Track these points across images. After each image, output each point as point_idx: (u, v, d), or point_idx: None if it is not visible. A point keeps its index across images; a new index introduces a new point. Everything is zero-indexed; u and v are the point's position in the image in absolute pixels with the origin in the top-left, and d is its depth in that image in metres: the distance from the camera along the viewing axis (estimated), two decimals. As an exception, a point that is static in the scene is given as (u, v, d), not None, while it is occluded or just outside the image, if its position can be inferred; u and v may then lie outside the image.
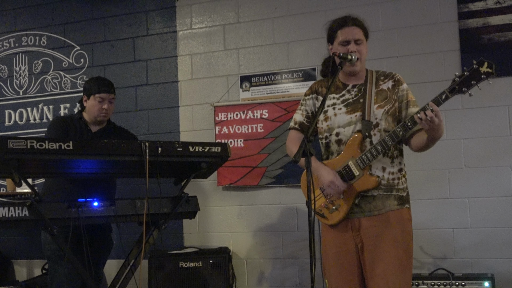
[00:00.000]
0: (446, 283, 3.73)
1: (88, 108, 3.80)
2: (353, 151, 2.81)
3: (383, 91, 2.90)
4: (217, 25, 4.93)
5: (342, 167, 2.80)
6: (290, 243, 4.53)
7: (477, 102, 4.12)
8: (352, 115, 2.86)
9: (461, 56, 4.21)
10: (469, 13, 4.22)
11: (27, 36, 5.46)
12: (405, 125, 2.72)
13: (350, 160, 2.79)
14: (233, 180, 4.69)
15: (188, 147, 3.32)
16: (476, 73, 2.60)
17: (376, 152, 2.75)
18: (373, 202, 2.82)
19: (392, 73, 2.97)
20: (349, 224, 2.85)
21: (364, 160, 2.76)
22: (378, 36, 4.35)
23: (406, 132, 2.74)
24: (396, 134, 2.73)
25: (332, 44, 2.96)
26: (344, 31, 2.88)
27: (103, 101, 3.78)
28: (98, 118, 3.80)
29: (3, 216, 2.89)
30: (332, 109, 2.91)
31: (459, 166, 4.19)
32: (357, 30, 2.91)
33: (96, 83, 3.80)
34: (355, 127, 2.84)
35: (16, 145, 2.79)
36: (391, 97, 2.89)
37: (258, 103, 4.68)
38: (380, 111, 2.84)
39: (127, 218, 3.32)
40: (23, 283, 4.78)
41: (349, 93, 2.93)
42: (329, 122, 2.90)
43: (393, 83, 2.93)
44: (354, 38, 2.86)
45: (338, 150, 2.88)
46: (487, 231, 4.10)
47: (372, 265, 2.77)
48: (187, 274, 4.28)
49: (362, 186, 2.79)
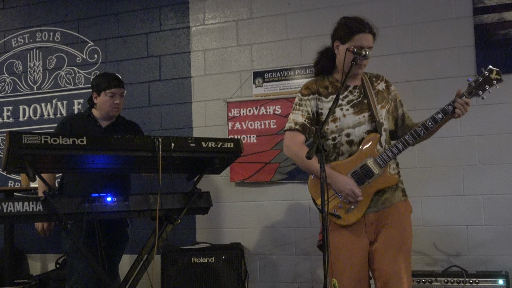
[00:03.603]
0: (459, 281, 3.71)
1: (100, 105, 3.82)
2: (370, 150, 2.89)
3: (380, 92, 3.04)
4: (230, 20, 4.92)
5: (359, 167, 2.87)
6: (303, 239, 4.52)
7: (492, 99, 4.03)
8: (360, 115, 2.94)
9: (476, 52, 4.18)
10: (484, 8, 4.18)
11: (41, 32, 5.49)
12: (425, 124, 2.87)
13: (367, 159, 2.87)
14: (245, 176, 4.69)
15: (201, 142, 3.31)
16: (488, 79, 2.89)
17: (397, 150, 2.88)
18: (384, 195, 2.92)
19: (380, 75, 3.14)
20: (363, 221, 2.90)
21: (384, 158, 2.87)
22: (392, 32, 4.33)
23: (426, 131, 2.89)
24: (418, 133, 2.88)
25: (343, 44, 2.96)
26: (360, 37, 2.91)
27: (114, 96, 3.80)
28: (111, 113, 3.83)
29: (17, 211, 2.90)
30: (340, 110, 2.95)
31: (473, 163, 4.16)
32: (371, 38, 2.96)
33: (105, 79, 3.82)
34: (365, 127, 2.92)
35: (30, 140, 2.80)
36: (387, 97, 3.05)
37: (271, 99, 4.68)
38: (383, 111, 2.99)
39: (140, 213, 3.33)
40: (37, 277, 4.81)
41: (351, 94, 2.99)
42: (338, 123, 2.93)
43: (385, 84, 3.10)
44: (368, 46, 2.92)
45: (350, 151, 2.93)
46: (501, 228, 4.07)
47: (384, 250, 2.88)
48: (200, 270, 4.29)
49: (382, 184, 2.90)
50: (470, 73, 4.17)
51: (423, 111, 4.19)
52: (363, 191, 2.87)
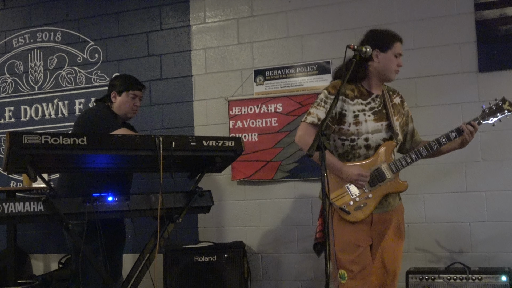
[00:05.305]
0: (462, 277, 3.70)
1: (119, 104, 3.82)
2: (386, 156, 3.07)
3: (396, 105, 3.22)
4: (230, 18, 4.91)
5: (373, 169, 3.03)
6: (305, 237, 4.51)
7: (493, 95, 4.05)
8: (379, 123, 3.09)
9: (477, 48, 4.16)
10: (486, 4, 4.16)
11: (42, 32, 5.49)
12: (439, 140, 3.09)
13: (382, 164, 3.04)
14: (247, 174, 4.69)
15: (202, 141, 3.31)
16: (500, 108, 3.16)
17: (410, 160, 3.08)
18: (388, 199, 3.11)
19: (396, 90, 3.32)
20: (369, 219, 3.06)
21: (398, 166, 3.06)
22: (394, 29, 4.24)
23: (440, 146, 3.10)
24: (431, 147, 3.09)
25: (384, 52, 3.12)
26: (399, 45, 3.17)
27: (135, 98, 3.84)
28: (129, 114, 3.87)
29: (18, 211, 2.90)
30: (363, 114, 3.09)
31: (476, 159, 4.14)
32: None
33: (129, 80, 3.89)
34: (382, 134, 3.08)
35: (30, 140, 2.80)
36: (401, 112, 3.24)
37: (272, 97, 4.67)
38: (397, 123, 3.17)
39: (142, 212, 3.33)
40: (40, 277, 4.82)
41: (374, 101, 3.14)
42: (360, 127, 3.06)
43: (401, 99, 3.28)
44: (401, 54, 3.19)
45: (366, 154, 3.08)
46: (504, 225, 4.06)
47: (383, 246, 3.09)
48: (202, 269, 4.29)
49: (393, 189, 3.08)
50: (472, 69, 4.17)
51: (426, 108, 4.22)
52: (374, 192, 3.03)
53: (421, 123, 3.69)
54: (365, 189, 3.02)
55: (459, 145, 3.15)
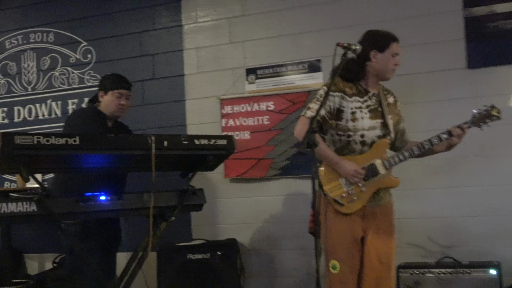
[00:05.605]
0: (452, 271, 3.73)
1: (106, 104, 3.83)
2: (380, 153, 3.16)
3: (390, 105, 3.32)
4: (222, 18, 4.93)
5: (367, 164, 3.12)
6: (298, 234, 4.52)
7: (484, 91, 4.10)
8: (374, 121, 3.18)
9: (466, 45, 4.19)
10: (474, 1, 4.18)
11: (35, 33, 5.50)
12: (431, 141, 3.17)
13: (376, 160, 3.13)
14: (240, 172, 4.72)
15: (194, 140, 3.34)
16: (489, 114, 3.23)
17: (403, 157, 3.16)
18: (380, 194, 3.21)
19: (390, 90, 3.39)
20: (361, 212, 3.15)
21: (391, 162, 3.15)
22: (384, 26, 4.28)
23: (432, 146, 3.18)
24: (424, 146, 3.18)
25: (382, 52, 3.18)
26: (396, 45, 3.22)
27: (121, 97, 3.83)
28: (115, 113, 3.85)
29: (11, 211, 2.90)
30: (360, 111, 3.17)
31: (468, 154, 4.15)
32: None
33: (115, 79, 3.87)
34: (377, 132, 3.18)
35: (23, 141, 2.81)
36: (394, 111, 3.32)
37: (264, 95, 4.70)
38: (391, 122, 3.26)
39: (135, 211, 3.35)
40: (34, 277, 4.83)
41: (370, 99, 3.22)
42: (356, 123, 3.15)
43: (394, 100, 3.36)
44: (399, 53, 3.24)
45: (361, 150, 3.17)
46: (495, 219, 4.09)
47: (376, 241, 3.17)
48: (196, 266, 4.31)
49: (385, 184, 3.18)
50: (462, 65, 4.20)
51: (418, 104, 4.23)
52: (367, 186, 3.12)
53: (413, 120, 3.74)
54: (359, 183, 3.11)
55: (445, 148, 3.26)
